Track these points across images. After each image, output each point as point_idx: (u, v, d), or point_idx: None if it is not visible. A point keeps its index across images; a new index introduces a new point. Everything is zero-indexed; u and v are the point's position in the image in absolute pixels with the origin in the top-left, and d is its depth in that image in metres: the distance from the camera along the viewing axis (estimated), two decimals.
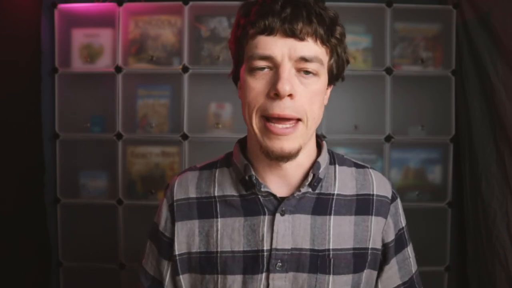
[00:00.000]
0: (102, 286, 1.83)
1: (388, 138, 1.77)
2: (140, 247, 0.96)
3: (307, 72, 0.71)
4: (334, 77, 0.77)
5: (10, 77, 1.62)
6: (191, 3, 1.76)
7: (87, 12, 1.84)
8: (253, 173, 0.76)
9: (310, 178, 0.76)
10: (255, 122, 0.72)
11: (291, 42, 0.69)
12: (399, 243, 0.83)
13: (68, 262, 1.84)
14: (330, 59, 0.74)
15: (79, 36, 1.84)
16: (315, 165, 0.78)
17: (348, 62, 0.79)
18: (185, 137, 1.77)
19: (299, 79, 0.70)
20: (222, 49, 1.82)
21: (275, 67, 0.70)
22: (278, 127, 0.70)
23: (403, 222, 0.85)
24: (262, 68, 0.71)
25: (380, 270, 0.82)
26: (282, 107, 0.69)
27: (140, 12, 1.83)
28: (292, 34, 0.69)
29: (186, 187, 0.83)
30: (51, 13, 1.82)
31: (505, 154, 1.56)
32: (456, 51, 1.79)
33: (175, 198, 0.82)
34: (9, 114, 1.62)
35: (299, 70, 0.70)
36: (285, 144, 0.71)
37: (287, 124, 0.70)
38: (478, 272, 1.75)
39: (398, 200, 0.85)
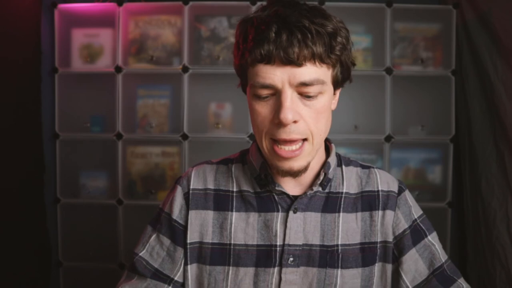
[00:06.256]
0: (102, 286, 1.83)
1: (388, 138, 1.77)
2: None
3: (308, 96, 0.71)
4: (341, 83, 0.78)
5: (10, 77, 1.62)
6: (191, 3, 1.76)
7: (87, 12, 1.84)
8: (269, 171, 0.80)
9: (321, 177, 0.80)
10: (265, 144, 0.75)
11: (289, 70, 0.68)
12: (416, 234, 0.84)
13: (68, 262, 1.84)
14: (333, 71, 0.74)
15: (79, 36, 1.84)
16: (325, 165, 0.82)
17: (354, 64, 0.78)
18: (185, 137, 1.77)
19: (302, 102, 0.71)
20: (222, 49, 1.82)
21: (277, 93, 0.71)
22: (285, 149, 0.72)
23: (416, 213, 0.86)
24: (265, 96, 0.71)
25: (399, 263, 0.82)
26: (287, 132, 0.71)
27: (140, 12, 1.83)
28: (289, 61, 0.68)
29: (204, 178, 0.86)
30: (51, 13, 1.82)
31: (505, 154, 1.56)
32: (456, 51, 1.79)
33: (191, 187, 0.85)
34: (9, 114, 1.62)
35: (301, 93, 0.70)
36: (293, 164, 0.74)
37: (294, 146, 0.72)
38: (478, 272, 1.75)
39: (406, 193, 0.86)
